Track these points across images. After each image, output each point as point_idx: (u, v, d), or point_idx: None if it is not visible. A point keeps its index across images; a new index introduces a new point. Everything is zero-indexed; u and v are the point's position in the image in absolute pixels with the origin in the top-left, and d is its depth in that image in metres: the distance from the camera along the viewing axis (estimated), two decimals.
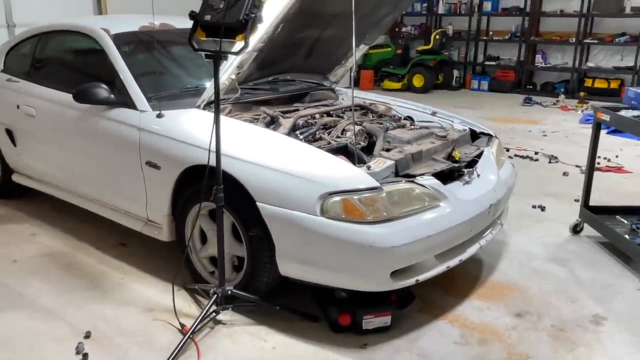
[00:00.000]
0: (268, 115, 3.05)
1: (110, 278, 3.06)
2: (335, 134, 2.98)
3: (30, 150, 3.71)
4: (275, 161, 2.48)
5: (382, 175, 2.51)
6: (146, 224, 3.08)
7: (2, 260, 3.24)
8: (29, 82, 3.68)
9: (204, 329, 2.56)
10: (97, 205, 3.37)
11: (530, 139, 6.61)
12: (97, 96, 3.00)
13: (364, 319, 2.52)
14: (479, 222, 2.74)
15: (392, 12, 3.51)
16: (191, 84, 3.36)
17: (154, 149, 2.85)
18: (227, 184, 2.49)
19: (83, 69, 3.59)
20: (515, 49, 10.42)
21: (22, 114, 3.61)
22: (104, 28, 3.34)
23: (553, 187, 4.75)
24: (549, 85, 10.22)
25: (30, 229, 3.70)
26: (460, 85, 10.97)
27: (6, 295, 2.86)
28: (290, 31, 3.02)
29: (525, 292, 2.98)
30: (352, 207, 2.34)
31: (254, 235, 2.54)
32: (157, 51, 3.45)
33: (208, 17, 2.28)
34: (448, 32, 10.93)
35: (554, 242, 3.63)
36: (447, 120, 3.45)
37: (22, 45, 3.91)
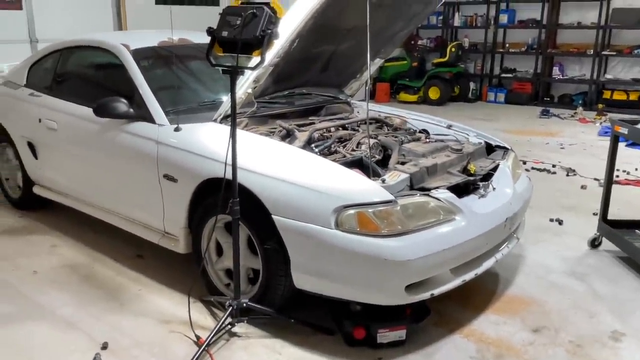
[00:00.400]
0: (284, 129, 3.09)
1: (128, 289, 3.10)
2: (350, 147, 3.00)
3: (51, 163, 3.79)
4: (291, 174, 2.50)
5: (396, 188, 2.51)
6: (163, 236, 3.12)
7: (23, 271, 3.30)
8: (50, 96, 3.76)
9: (220, 341, 2.57)
10: (115, 218, 3.42)
11: (547, 152, 6.55)
12: (117, 110, 3.06)
13: (379, 333, 2.51)
14: (494, 236, 2.73)
15: (407, 27, 3.53)
16: (208, 97, 3.41)
17: (171, 162, 2.89)
18: (243, 197, 2.52)
19: (103, 83, 3.67)
20: (531, 61, 10.37)
21: (44, 127, 3.70)
22: (124, 43, 3.41)
23: (571, 200, 4.70)
24: (566, 97, 10.14)
25: (51, 240, 3.76)
26: (476, 98, 10.93)
27: (26, 306, 2.91)
28: (306, 46, 3.06)
29: (543, 307, 2.94)
30: (367, 220, 2.35)
31: (269, 247, 2.56)
32: (175, 66, 3.51)
33: (225, 33, 2.33)
34: (464, 45, 10.92)
35: (572, 256, 3.58)
36: (463, 133, 3.45)
37: (45, 61, 4.01)
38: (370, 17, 2.72)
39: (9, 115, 4.09)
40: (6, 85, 4.18)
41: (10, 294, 3.03)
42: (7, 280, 3.19)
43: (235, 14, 2.31)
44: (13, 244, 3.70)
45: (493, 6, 10.61)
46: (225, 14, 2.36)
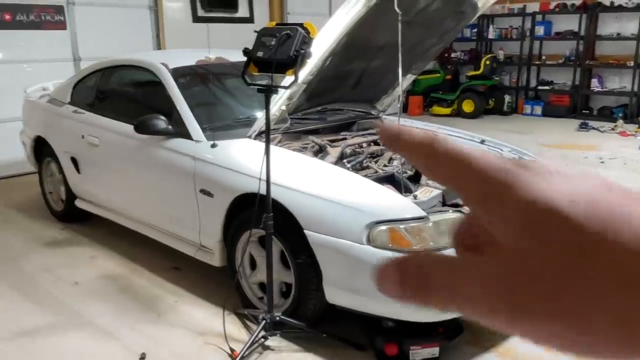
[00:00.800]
0: (316, 144, 3.13)
1: (164, 301, 3.18)
2: (382, 163, 3.02)
3: (93, 178, 3.93)
4: (323, 190, 2.54)
5: (428, 204, 2.52)
6: (199, 249, 3.20)
7: (64, 282, 3.42)
8: (93, 113, 3.92)
9: (253, 354, 2.61)
10: (153, 230, 3.52)
11: (586, 166, 6.41)
12: (156, 127, 3.16)
13: (411, 350, 2.51)
14: None
15: (439, 43, 3.55)
16: (243, 114, 3.49)
17: (207, 178, 2.97)
18: (276, 212, 2.56)
19: (143, 101, 3.80)
20: (569, 73, 10.19)
21: (86, 143, 3.85)
22: (163, 62, 3.53)
23: None
24: (606, 110, 9.90)
25: (91, 252, 3.89)
26: (512, 111, 10.78)
27: (68, 316, 3.02)
28: (338, 63, 3.11)
29: None
30: (399, 236, 2.36)
31: (301, 262, 2.60)
32: (212, 84, 3.62)
33: (260, 53, 2.40)
34: (499, 57, 10.82)
35: None
36: (496, 148, 3.43)
37: (88, 79, 4.18)
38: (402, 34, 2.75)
39: (54, 132, 4.27)
40: (51, 103, 4.38)
41: (52, 304, 3.15)
42: (50, 291, 3.32)
43: (270, 35, 2.39)
44: (55, 255, 3.84)
45: (528, 18, 10.49)
46: (261, 35, 2.43)
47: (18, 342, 2.76)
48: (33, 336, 2.82)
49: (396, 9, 2.58)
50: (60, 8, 6.15)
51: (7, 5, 5.75)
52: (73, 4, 6.22)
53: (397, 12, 2.59)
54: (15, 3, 5.80)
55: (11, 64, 5.93)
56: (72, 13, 6.24)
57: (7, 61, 5.91)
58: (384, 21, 2.89)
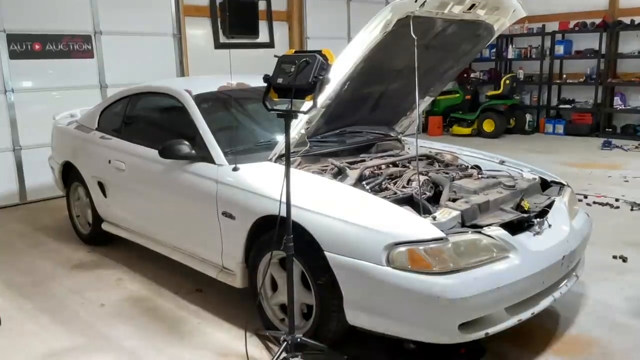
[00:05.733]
0: (335, 167, 3.18)
1: (188, 323, 3.22)
2: (401, 184, 3.05)
3: (119, 201, 4.03)
4: (343, 212, 2.57)
5: (447, 225, 2.53)
6: (221, 271, 3.25)
7: (91, 304, 3.50)
8: (119, 139, 4.04)
9: None
10: (177, 253, 3.59)
11: (610, 185, 6.32)
12: (180, 152, 3.25)
13: None
14: (551, 274, 2.68)
15: (457, 65, 3.59)
16: (264, 138, 3.56)
17: (229, 200, 3.03)
18: (296, 234, 2.60)
19: (167, 126, 3.91)
20: (590, 92, 10.11)
21: (113, 168, 3.96)
22: (187, 89, 3.64)
23: (636, 236, 4.51)
24: (630, 127, 9.77)
25: (117, 274, 3.97)
26: (533, 130, 10.71)
27: (95, 338, 3.08)
28: (356, 87, 3.17)
29: (606, 348, 2.83)
30: (418, 257, 2.37)
31: (322, 283, 2.62)
32: (233, 109, 3.71)
33: (280, 80, 2.47)
34: (519, 77, 10.80)
35: (637, 295, 3.43)
36: (516, 169, 3.43)
37: (114, 106, 4.32)
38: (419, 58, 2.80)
39: (82, 157, 4.40)
40: (79, 129, 4.52)
41: (80, 326, 3.22)
42: (78, 312, 3.39)
43: (289, 62, 2.45)
44: (82, 277, 3.93)
45: (548, 37, 10.48)
46: (281, 63, 2.50)
47: None
48: (61, 357, 2.88)
49: (412, 34, 2.63)
50: (88, 37, 6.37)
51: (38, 36, 5.99)
52: (100, 33, 6.44)
53: (413, 37, 2.65)
54: (45, 33, 6.03)
55: (41, 91, 6.15)
56: (99, 42, 6.46)
57: (38, 89, 6.13)
58: (401, 45, 2.94)
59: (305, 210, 2.65)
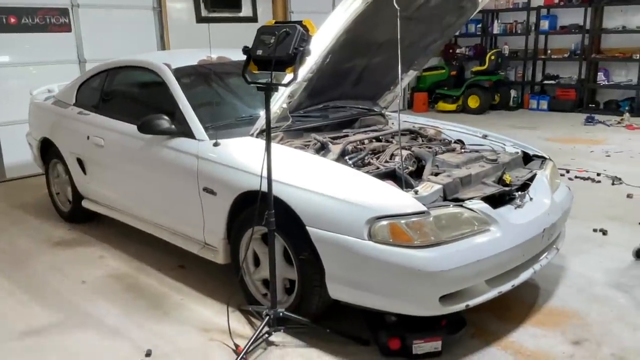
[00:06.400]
0: (318, 142, 3.14)
1: (170, 299, 3.21)
2: (383, 159, 3.03)
3: (99, 178, 3.97)
4: (324, 187, 2.55)
5: (429, 199, 2.53)
6: (203, 247, 3.22)
7: (72, 281, 3.46)
8: (97, 114, 3.96)
9: (257, 349, 2.64)
10: (158, 229, 3.56)
11: (592, 160, 6.38)
12: (159, 127, 3.19)
13: (414, 344, 2.52)
14: (532, 247, 2.70)
15: (441, 38, 3.55)
16: (246, 113, 3.51)
17: (210, 176, 3.00)
18: (278, 209, 2.58)
19: (147, 101, 3.83)
20: (575, 67, 10.13)
21: (92, 144, 3.88)
22: (166, 63, 3.56)
23: (616, 210, 4.56)
24: (612, 103, 9.84)
25: (98, 251, 3.93)
26: (518, 106, 10.74)
27: (76, 315, 3.05)
28: (339, 60, 3.12)
29: (584, 319, 2.88)
30: (400, 231, 2.37)
31: (304, 258, 2.62)
32: (214, 83, 3.64)
33: (260, 51, 2.41)
34: (504, 52, 10.78)
35: (616, 267, 3.49)
36: (499, 143, 3.43)
37: (92, 80, 4.22)
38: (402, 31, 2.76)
39: (60, 133, 4.31)
40: (57, 105, 4.42)
41: (60, 303, 3.19)
42: (59, 289, 3.36)
43: (269, 33, 2.40)
44: (63, 255, 3.89)
45: (533, 12, 10.44)
46: (260, 34, 2.45)
47: (26, 342, 2.80)
48: (41, 335, 2.85)
49: (395, 5, 2.58)
50: (65, 10, 6.20)
51: (13, 9, 5.81)
52: (77, 6, 6.27)
53: (396, 8, 2.60)
54: (20, 6, 5.85)
55: (17, 66, 5.99)
56: (77, 15, 6.29)
57: (14, 64, 5.97)
58: (383, 18, 2.89)
59: (286, 185, 2.63)
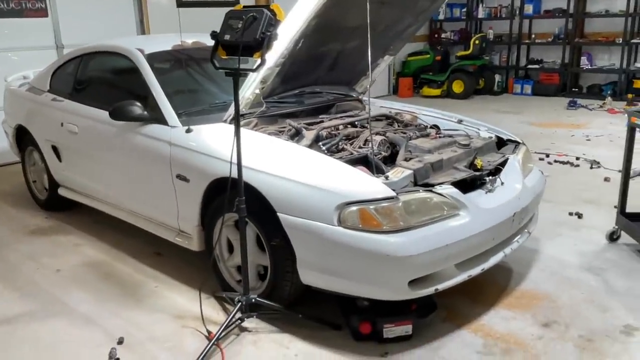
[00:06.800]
0: (293, 128, 3.13)
1: (145, 286, 3.20)
2: (357, 145, 3.03)
3: (74, 166, 3.93)
4: (294, 173, 2.54)
5: (400, 185, 2.53)
6: (178, 234, 3.21)
7: (47, 270, 3.44)
8: (71, 101, 3.90)
9: (230, 335, 2.64)
10: (134, 217, 3.54)
11: (572, 144, 6.42)
12: (131, 113, 3.15)
13: (385, 328, 2.54)
14: (502, 231, 2.72)
15: (415, 22, 3.52)
16: (220, 99, 3.47)
17: (183, 163, 2.98)
18: (250, 196, 2.58)
19: (120, 87, 3.78)
20: (559, 52, 10.15)
21: (66, 131, 3.84)
22: (139, 48, 3.51)
23: (592, 194, 4.61)
24: (595, 87, 9.89)
25: (74, 240, 3.91)
26: (502, 90, 10.76)
27: (49, 303, 3.04)
28: (312, 45, 3.09)
29: (555, 302, 2.92)
30: (369, 216, 2.37)
31: (276, 245, 2.62)
32: (188, 68, 3.60)
33: (227, 36, 2.39)
34: (488, 37, 10.76)
35: (590, 250, 3.53)
36: (473, 128, 3.44)
37: (66, 67, 4.16)
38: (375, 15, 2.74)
39: (34, 120, 4.25)
40: (31, 91, 4.35)
41: (34, 292, 3.17)
42: (33, 278, 3.34)
43: (236, 17, 2.37)
44: (39, 243, 3.86)
45: None
46: (228, 18, 2.42)
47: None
48: (13, 324, 2.84)
49: None
50: None
51: None
52: None
53: None
54: None
55: None
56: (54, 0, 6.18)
57: None
58: (354, 2, 2.87)
59: (257, 171, 2.62)
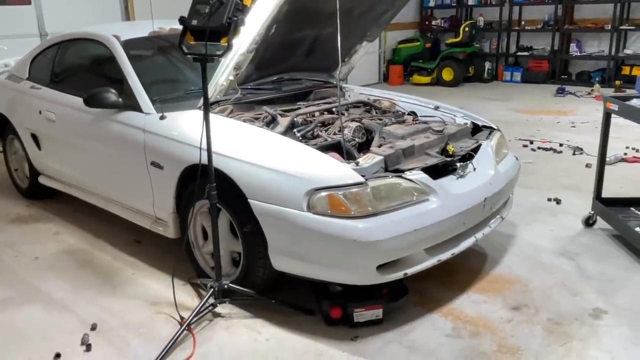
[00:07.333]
0: (269, 114, 3.13)
1: (122, 274, 3.21)
2: (332, 131, 3.03)
3: (53, 154, 3.92)
4: (265, 159, 2.55)
5: (370, 170, 2.54)
6: (155, 221, 3.22)
7: (25, 258, 3.45)
8: (49, 88, 3.88)
9: (203, 321, 2.66)
10: (112, 205, 3.54)
11: (557, 131, 6.45)
12: (106, 100, 3.14)
13: (355, 312, 2.56)
14: (472, 216, 2.73)
15: (392, 8, 3.51)
16: (196, 85, 3.43)
17: (157, 150, 2.97)
18: (222, 182, 2.58)
19: (97, 74, 3.76)
20: (548, 38, 10.15)
21: (44, 119, 3.82)
22: (115, 35, 3.49)
23: (573, 180, 4.63)
24: (584, 74, 9.90)
25: (54, 228, 3.91)
26: (492, 78, 10.76)
27: (25, 290, 3.05)
28: (287, 31, 3.08)
29: (526, 286, 2.95)
30: (338, 202, 2.38)
31: (248, 231, 2.63)
32: (164, 55, 3.58)
33: (195, 21, 2.37)
34: (478, 24, 10.74)
35: (565, 236, 3.56)
36: (449, 114, 3.44)
37: (44, 54, 4.13)
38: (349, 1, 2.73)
39: (14, 108, 4.23)
40: (10, 79, 4.33)
41: (11, 279, 3.18)
42: (10, 266, 3.34)
43: (204, 2, 2.35)
44: (19, 231, 3.86)
45: None
46: (196, 3, 2.40)
47: None
48: None
49: None
50: None
51: None
52: None
53: None
54: None
55: None
56: None
57: None
58: None
59: (228, 158, 2.62)
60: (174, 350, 2.45)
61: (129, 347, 2.52)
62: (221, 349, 2.48)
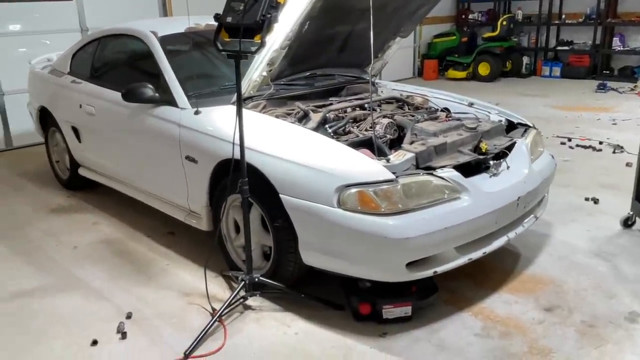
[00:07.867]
0: (301, 110, 3.15)
1: (157, 264, 3.30)
2: (364, 128, 3.03)
3: (92, 146, 4.04)
4: (297, 155, 2.57)
5: (401, 167, 2.53)
6: (188, 214, 3.29)
7: (65, 247, 3.57)
8: (89, 83, 4.00)
9: (234, 313, 2.72)
10: (148, 197, 3.63)
11: (597, 128, 6.27)
12: (143, 95, 3.22)
13: (384, 309, 2.57)
14: (505, 215, 2.70)
15: (427, 4, 3.48)
16: (230, 81, 3.50)
17: (191, 144, 3.03)
18: (254, 177, 2.62)
19: (135, 69, 3.86)
20: (590, 33, 9.84)
21: (84, 112, 3.94)
22: (152, 30, 3.57)
23: (612, 179, 4.51)
24: (627, 69, 9.57)
25: (93, 218, 4.04)
26: (530, 73, 10.52)
27: (65, 278, 3.16)
28: (319, 27, 3.09)
29: (560, 287, 2.89)
30: (368, 199, 2.39)
31: (279, 225, 2.66)
32: (200, 51, 3.64)
33: (229, 19, 2.41)
34: (517, 17, 10.50)
35: (602, 236, 3.47)
36: (484, 111, 3.39)
37: (85, 49, 4.25)
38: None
39: (56, 102, 4.38)
40: (52, 74, 4.47)
41: (51, 267, 3.30)
42: (50, 254, 3.47)
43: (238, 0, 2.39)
44: (59, 221, 4.00)
45: None
46: (230, 0, 2.43)
47: (16, 302, 2.92)
48: (30, 297, 2.97)
49: None
50: None
51: None
52: None
53: None
54: None
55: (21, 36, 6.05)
56: None
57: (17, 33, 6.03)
58: None
59: (260, 153, 2.66)
60: (205, 340, 2.51)
61: (162, 337, 2.59)
62: (251, 341, 2.52)
